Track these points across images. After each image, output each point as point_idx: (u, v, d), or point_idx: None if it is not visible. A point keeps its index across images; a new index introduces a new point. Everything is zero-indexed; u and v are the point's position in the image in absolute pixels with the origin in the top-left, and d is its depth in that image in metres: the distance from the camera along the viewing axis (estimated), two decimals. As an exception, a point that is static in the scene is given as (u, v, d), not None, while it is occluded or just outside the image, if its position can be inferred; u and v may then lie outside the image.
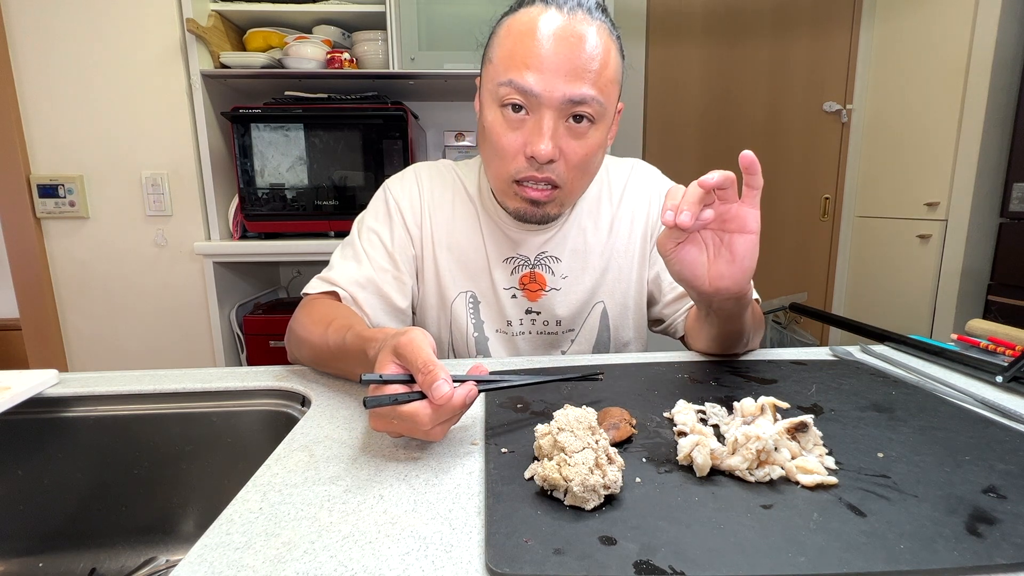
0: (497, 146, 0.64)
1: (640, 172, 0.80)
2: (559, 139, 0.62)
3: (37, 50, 1.47)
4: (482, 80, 0.68)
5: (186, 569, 0.30)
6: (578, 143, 0.63)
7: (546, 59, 0.59)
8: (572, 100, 0.60)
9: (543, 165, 0.63)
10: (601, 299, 0.77)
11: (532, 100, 0.61)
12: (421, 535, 0.33)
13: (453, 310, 0.77)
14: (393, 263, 0.74)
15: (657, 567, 0.29)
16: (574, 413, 0.39)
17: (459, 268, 0.76)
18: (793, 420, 0.40)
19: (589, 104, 0.61)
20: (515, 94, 0.61)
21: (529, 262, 0.76)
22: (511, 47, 0.61)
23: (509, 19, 0.64)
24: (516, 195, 0.66)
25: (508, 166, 0.65)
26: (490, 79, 0.64)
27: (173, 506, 0.61)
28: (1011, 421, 0.48)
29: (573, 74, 0.60)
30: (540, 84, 0.59)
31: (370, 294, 0.71)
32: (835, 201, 2.36)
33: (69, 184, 1.52)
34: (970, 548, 0.30)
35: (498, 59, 0.63)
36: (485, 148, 0.68)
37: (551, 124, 0.61)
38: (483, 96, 0.67)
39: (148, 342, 1.64)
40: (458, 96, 1.90)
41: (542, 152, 0.61)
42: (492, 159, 0.67)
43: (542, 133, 0.61)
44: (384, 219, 0.76)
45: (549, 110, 0.61)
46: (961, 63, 1.76)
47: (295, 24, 1.66)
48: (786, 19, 2.24)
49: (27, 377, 0.59)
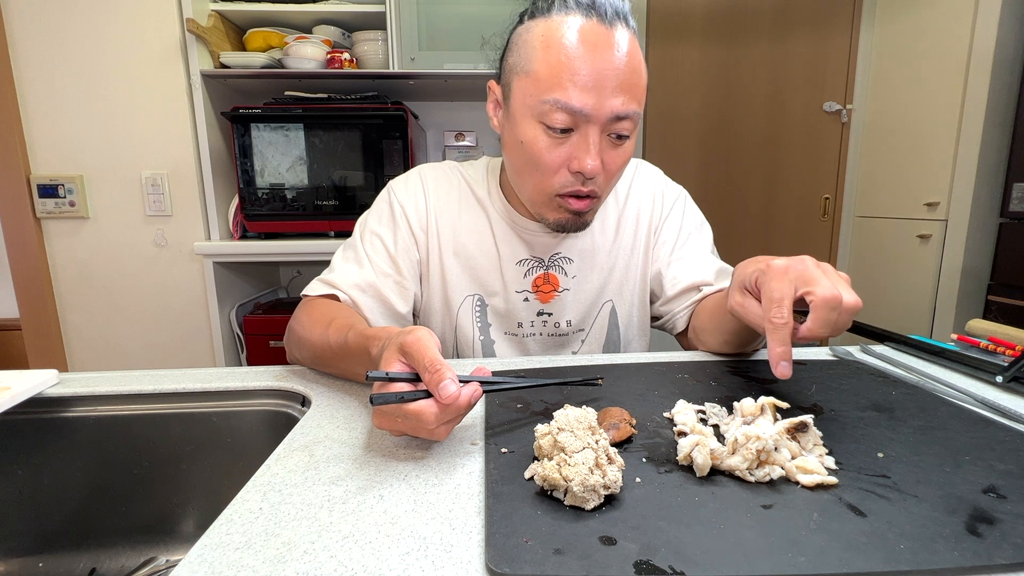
0: (539, 162, 0.62)
1: (643, 172, 0.81)
2: (603, 152, 0.61)
3: (37, 50, 1.47)
4: (511, 89, 0.64)
5: (186, 569, 0.30)
6: (616, 153, 0.63)
7: (597, 77, 0.57)
8: (619, 116, 0.60)
9: (588, 179, 0.62)
10: (610, 298, 0.78)
11: (580, 118, 0.59)
12: (421, 535, 0.33)
13: (459, 314, 0.76)
14: (395, 267, 0.73)
15: (657, 567, 0.29)
16: (574, 413, 0.39)
17: (466, 272, 0.76)
18: (793, 420, 0.40)
19: (632, 118, 0.61)
20: (562, 113, 0.59)
21: (543, 263, 0.75)
22: (555, 62, 0.58)
23: (542, 26, 0.60)
24: (560, 207, 0.65)
25: (551, 181, 0.63)
26: (528, 93, 0.61)
27: (173, 506, 0.61)
28: (1011, 421, 0.48)
29: (619, 90, 0.58)
30: (590, 103, 0.58)
31: (370, 298, 0.70)
32: (835, 201, 2.37)
33: (69, 184, 1.52)
34: (970, 548, 0.30)
35: (539, 72, 0.59)
36: (520, 161, 0.65)
37: (597, 139, 0.60)
38: (516, 108, 0.63)
39: (148, 342, 1.64)
40: (458, 96, 1.90)
41: (591, 169, 0.60)
42: (531, 173, 0.65)
43: (589, 149, 0.60)
44: (388, 222, 0.75)
45: (596, 126, 0.60)
46: (961, 63, 1.76)
47: (295, 24, 1.66)
48: (786, 19, 2.24)
49: (27, 377, 0.59)
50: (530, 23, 0.62)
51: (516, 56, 0.63)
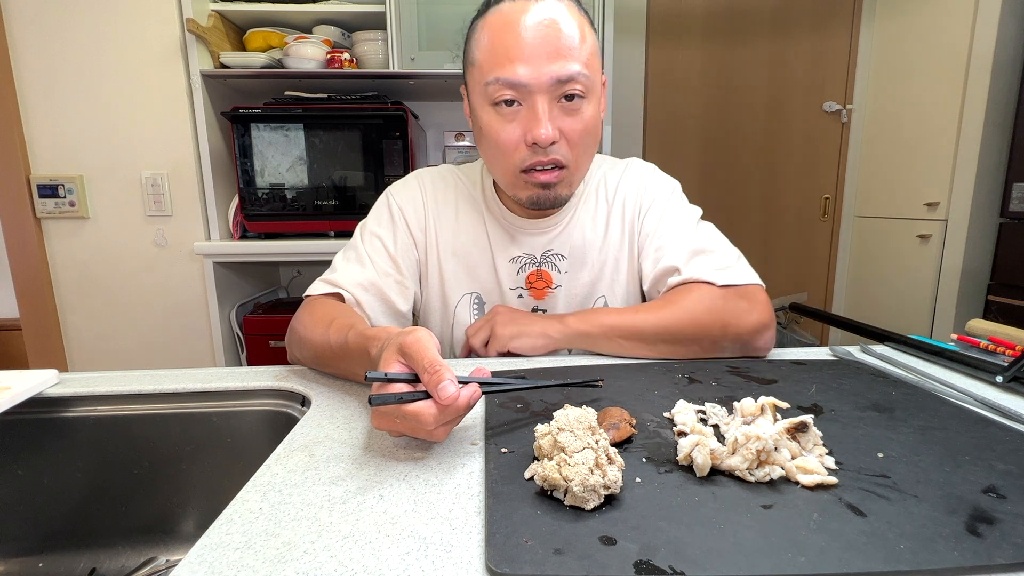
0: (497, 142, 0.65)
1: (633, 168, 0.81)
2: (556, 120, 0.63)
3: (37, 50, 1.47)
4: (468, 85, 0.69)
5: (186, 569, 0.30)
6: (574, 119, 0.64)
7: (526, 47, 0.60)
8: (560, 79, 0.61)
9: (546, 148, 0.64)
10: (603, 294, 0.78)
11: (522, 90, 0.62)
12: (421, 535, 0.33)
13: (456, 313, 0.77)
14: (396, 267, 0.74)
15: (657, 567, 0.29)
16: (574, 413, 0.39)
17: (464, 271, 0.77)
18: (793, 420, 0.40)
19: (577, 79, 0.62)
20: (504, 89, 0.62)
21: (535, 260, 0.76)
22: (490, 45, 0.63)
23: (481, 20, 0.65)
24: (527, 183, 0.67)
25: (512, 158, 0.66)
26: (476, 81, 0.65)
27: (173, 506, 0.61)
28: (1011, 421, 0.48)
29: (556, 54, 0.61)
30: (527, 73, 0.61)
31: (372, 297, 0.71)
32: (835, 201, 2.37)
33: (69, 184, 1.52)
34: (970, 548, 0.30)
35: (480, 60, 0.64)
36: (485, 148, 0.69)
37: (546, 107, 0.62)
38: (473, 100, 0.68)
39: (148, 342, 1.64)
40: (458, 96, 1.88)
41: (543, 136, 0.62)
42: (495, 156, 0.67)
43: (539, 118, 0.62)
44: (387, 223, 0.76)
45: (541, 95, 0.62)
46: (961, 63, 1.76)
47: (295, 24, 1.66)
48: (786, 19, 2.24)
49: (27, 377, 0.59)
50: (475, 23, 0.67)
51: (466, 54, 0.68)
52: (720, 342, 0.65)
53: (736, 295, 0.67)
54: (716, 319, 0.65)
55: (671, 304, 0.67)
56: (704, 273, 0.68)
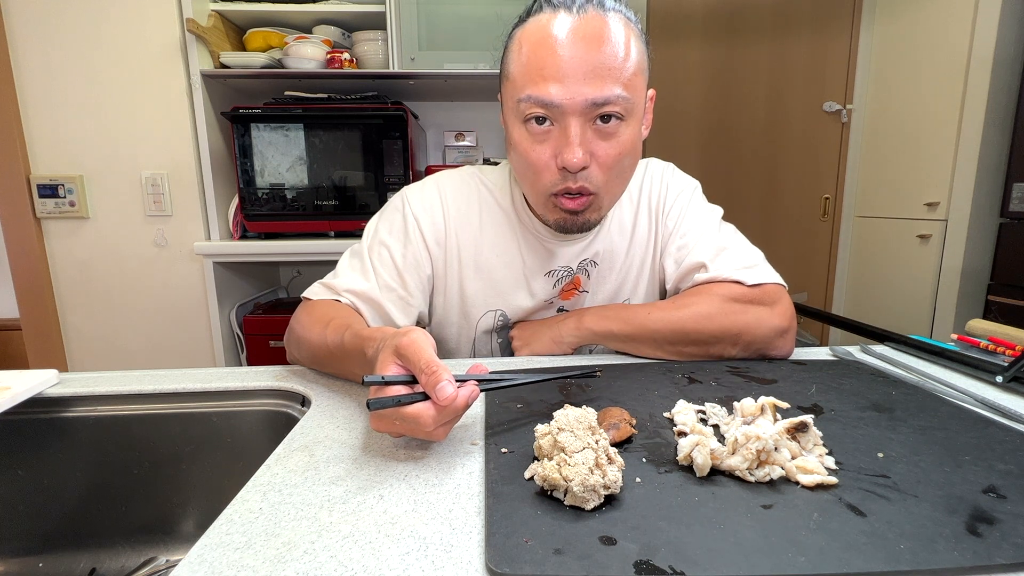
0: (527, 161, 0.62)
1: (653, 168, 0.80)
2: (588, 144, 0.59)
3: (37, 50, 1.47)
4: (502, 97, 0.65)
5: (186, 569, 0.30)
6: (609, 144, 0.60)
7: (562, 66, 0.56)
8: (595, 103, 0.57)
9: (576, 174, 0.61)
10: (627, 296, 0.77)
11: (554, 110, 0.58)
12: (421, 535, 0.33)
13: (479, 327, 0.75)
14: (401, 281, 0.71)
15: (657, 567, 0.29)
16: (574, 413, 0.39)
17: (489, 287, 0.74)
18: (793, 420, 0.40)
19: (614, 102, 0.58)
20: (535, 107, 0.59)
21: (571, 271, 0.75)
22: (525, 60, 0.59)
23: (520, 31, 0.61)
24: (555, 207, 0.64)
25: (542, 180, 0.63)
26: (510, 96, 0.62)
27: (173, 506, 0.61)
28: (1011, 421, 0.48)
29: (593, 75, 0.57)
30: (560, 93, 0.57)
31: (371, 309, 0.69)
32: (835, 201, 2.36)
33: (69, 184, 1.52)
34: (970, 548, 0.30)
35: (514, 74, 0.61)
36: (516, 164, 0.66)
37: (578, 131, 0.58)
38: (506, 113, 0.65)
39: (148, 342, 1.64)
40: (458, 96, 1.90)
41: (573, 162, 0.58)
42: (525, 174, 0.65)
43: (570, 142, 0.58)
44: (399, 233, 0.72)
45: (573, 117, 0.58)
46: (961, 63, 1.76)
47: (295, 24, 1.66)
48: (786, 19, 2.24)
49: (27, 377, 0.59)
50: (514, 31, 0.63)
51: (503, 64, 0.64)
52: (739, 343, 0.66)
53: (760, 296, 0.67)
54: (737, 321, 0.65)
55: (691, 304, 0.67)
56: (731, 271, 0.68)
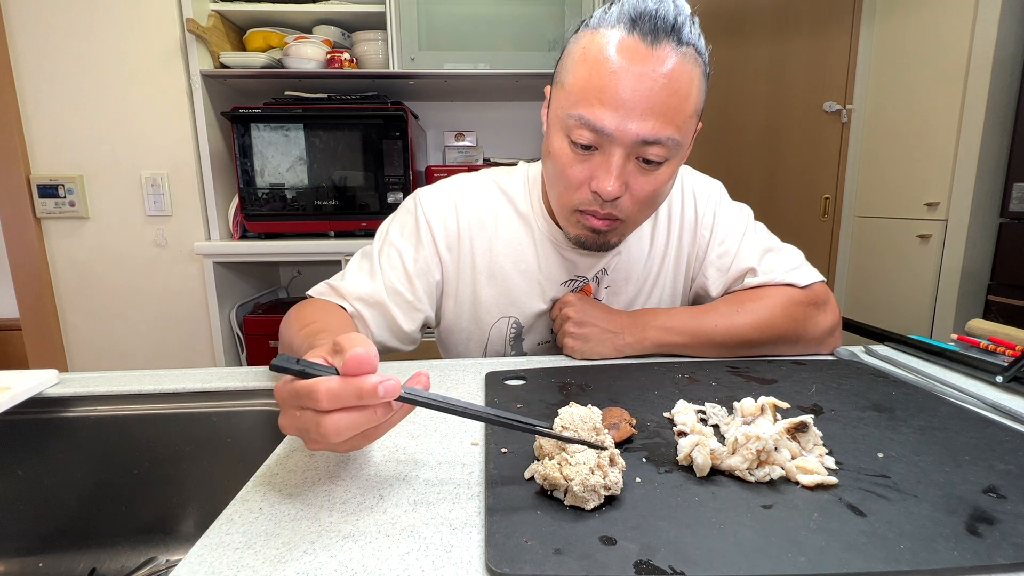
0: (562, 175, 0.61)
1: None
2: (626, 175, 0.58)
3: (37, 50, 1.47)
4: (551, 100, 0.63)
5: (186, 569, 0.30)
6: (646, 179, 0.59)
7: (621, 95, 0.54)
8: (645, 140, 0.56)
9: (607, 202, 0.60)
10: (642, 304, 0.77)
11: (603, 137, 0.56)
12: (421, 535, 0.33)
13: (491, 334, 0.75)
14: (410, 286, 0.70)
15: (657, 567, 0.29)
16: (579, 412, 0.38)
17: (503, 295, 0.73)
18: (793, 420, 0.40)
19: (663, 144, 0.56)
20: (584, 130, 0.56)
21: (585, 280, 0.74)
22: (585, 76, 0.56)
23: (585, 39, 0.57)
24: (579, 223, 0.64)
25: (572, 196, 0.62)
26: (560, 105, 0.59)
27: (173, 506, 0.61)
28: (1011, 421, 0.48)
29: (649, 113, 0.55)
30: (612, 122, 0.55)
31: (376, 313, 0.68)
32: (835, 201, 2.36)
33: (69, 184, 1.52)
34: (970, 548, 0.30)
35: (570, 85, 0.58)
36: (549, 171, 0.64)
37: (619, 162, 0.57)
38: (551, 118, 0.62)
39: (148, 342, 1.64)
40: (458, 96, 1.90)
41: (608, 192, 0.57)
42: (556, 184, 0.64)
43: (610, 172, 0.57)
44: (411, 237, 0.71)
45: (619, 148, 0.56)
46: (961, 63, 1.76)
47: (295, 24, 1.66)
48: (786, 19, 2.24)
49: (27, 377, 0.59)
50: (579, 34, 0.59)
51: (560, 66, 0.61)
52: (796, 346, 0.68)
53: (813, 298, 0.69)
54: (797, 326, 0.68)
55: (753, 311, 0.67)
56: (781, 274, 0.70)
